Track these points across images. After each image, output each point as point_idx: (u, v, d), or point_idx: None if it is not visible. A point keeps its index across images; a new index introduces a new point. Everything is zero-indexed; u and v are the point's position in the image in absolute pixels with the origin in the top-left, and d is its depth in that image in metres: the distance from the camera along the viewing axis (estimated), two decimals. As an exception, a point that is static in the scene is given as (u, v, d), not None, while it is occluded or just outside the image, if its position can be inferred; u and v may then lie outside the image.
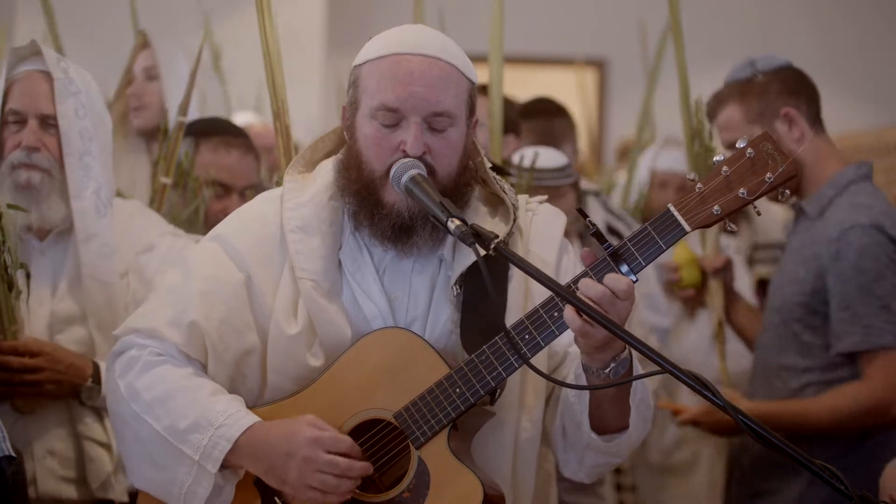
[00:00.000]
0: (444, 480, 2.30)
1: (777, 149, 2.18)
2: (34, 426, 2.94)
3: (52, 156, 2.95)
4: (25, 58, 3.02)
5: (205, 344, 2.39)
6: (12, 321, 2.88)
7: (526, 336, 2.26)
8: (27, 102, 2.96)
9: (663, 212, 2.21)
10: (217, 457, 2.30)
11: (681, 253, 3.64)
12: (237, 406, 2.34)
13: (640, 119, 5.15)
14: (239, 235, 2.47)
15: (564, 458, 2.46)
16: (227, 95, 5.52)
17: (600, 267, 2.21)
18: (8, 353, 2.86)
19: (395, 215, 2.35)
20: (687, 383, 2.05)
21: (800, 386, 3.22)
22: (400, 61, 2.35)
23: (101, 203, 2.98)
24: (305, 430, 2.28)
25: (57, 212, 2.96)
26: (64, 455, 2.93)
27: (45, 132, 2.95)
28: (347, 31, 8.46)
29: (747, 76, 3.28)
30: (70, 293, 2.97)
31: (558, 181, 3.87)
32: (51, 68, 2.96)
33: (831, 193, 3.23)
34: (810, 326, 3.21)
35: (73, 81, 2.97)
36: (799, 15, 9.98)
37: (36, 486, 2.91)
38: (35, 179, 2.93)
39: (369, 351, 2.36)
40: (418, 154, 2.32)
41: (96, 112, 3.01)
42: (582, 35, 9.64)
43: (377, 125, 2.35)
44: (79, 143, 2.96)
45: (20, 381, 2.87)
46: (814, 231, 3.24)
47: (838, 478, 1.98)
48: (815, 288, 3.18)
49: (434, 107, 2.33)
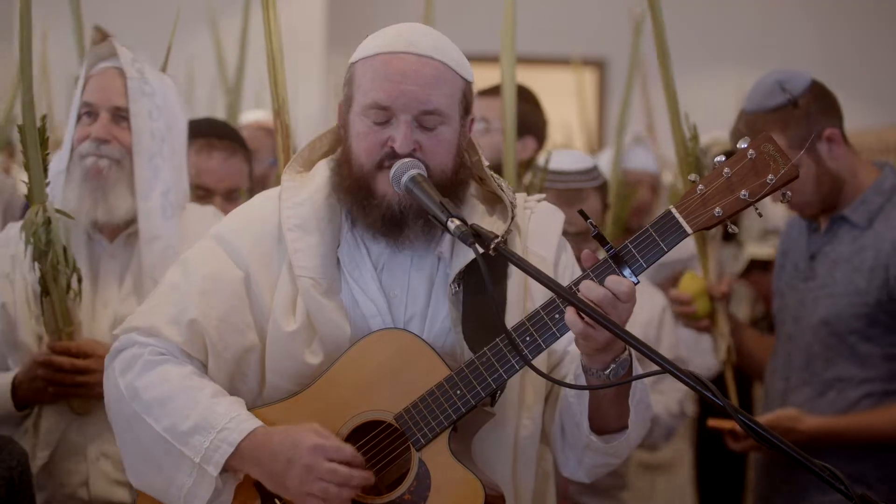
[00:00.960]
0: (444, 482, 2.30)
1: (778, 150, 2.17)
2: (89, 428, 2.94)
3: (123, 148, 2.96)
4: (104, 57, 3.04)
5: (205, 343, 2.39)
6: (67, 322, 2.88)
7: (527, 338, 2.26)
8: (100, 96, 2.98)
9: (665, 213, 2.20)
10: (218, 460, 2.29)
11: (691, 283, 3.50)
12: (239, 409, 2.34)
13: (619, 119, 5.08)
14: (238, 234, 2.47)
15: (563, 458, 2.46)
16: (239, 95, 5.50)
17: (601, 269, 2.22)
18: (61, 354, 2.87)
19: (384, 207, 2.35)
20: (687, 383, 2.05)
21: (859, 396, 3.18)
22: (392, 60, 2.36)
23: (169, 205, 2.98)
24: (308, 438, 2.28)
25: (122, 205, 2.96)
26: (117, 458, 2.89)
27: (116, 125, 2.97)
28: (347, 31, 8.46)
29: (783, 102, 3.19)
30: (133, 294, 2.98)
31: (582, 183, 3.85)
32: (124, 66, 2.98)
33: (880, 201, 3.19)
34: (869, 337, 3.16)
35: (148, 82, 2.99)
36: (799, 15, 9.98)
37: (88, 488, 2.93)
38: (104, 166, 2.94)
39: (369, 352, 2.35)
40: (407, 151, 2.33)
41: (172, 115, 3.02)
42: (581, 35, 9.65)
43: (368, 122, 2.36)
44: (150, 143, 2.96)
45: (71, 383, 2.87)
46: (866, 240, 3.18)
47: (838, 478, 1.98)
48: (879, 299, 3.13)
49: (424, 105, 2.34)
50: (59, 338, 2.88)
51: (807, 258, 3.32)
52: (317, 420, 2.34)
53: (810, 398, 3.24)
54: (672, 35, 3.37)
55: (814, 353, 3.25)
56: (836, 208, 3.25)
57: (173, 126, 3.03)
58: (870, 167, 3.29)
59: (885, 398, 3.17)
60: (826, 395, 3.22)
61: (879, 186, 3.21)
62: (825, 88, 3.27)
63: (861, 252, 3.18)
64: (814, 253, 3.30)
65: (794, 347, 3.31)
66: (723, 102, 7.67)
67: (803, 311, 3.29)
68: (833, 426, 3.15)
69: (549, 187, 3.77)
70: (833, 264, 3.24)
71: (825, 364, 3.23)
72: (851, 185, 3.23)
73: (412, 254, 2.43)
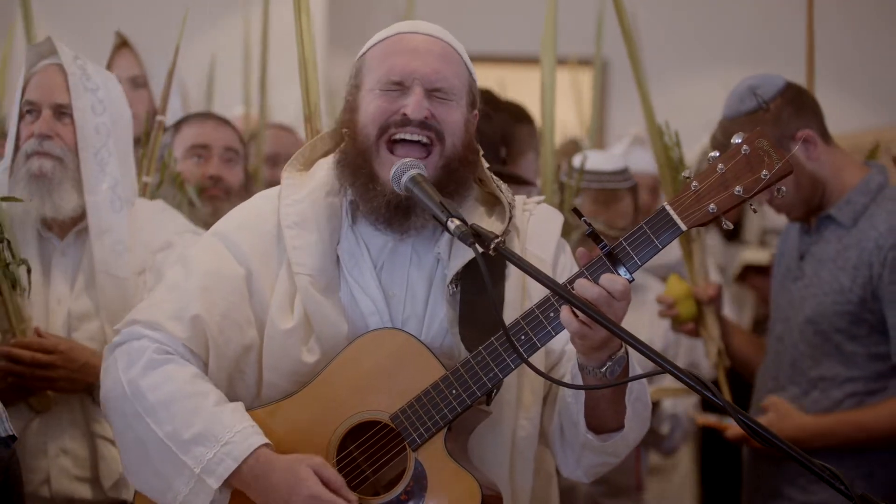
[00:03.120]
0: (441, 482, 2.29)
1: (773, 146, 2.17)
2: (49, 425, 2.94)
3: (65, 145, 2.96)
4: (43, 55, 3.04)
5: (206, 339, 2.39)
6: (20, 319, 2.89)
7: (522, 337, 2.25)
8: (41, 93, 2.99)
9: (658, 210, 2.20)
10: (221, 474, 2.29)
11: (675, 287, 3.51)
12: (242, 421, 2.32)
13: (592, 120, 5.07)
14: (239, 231, 2.48)
15: (562, 458, 2.46)
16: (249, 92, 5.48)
17: (596, 267, 2.21)
18: (22, 349, 2.86)
19: (389, 192, 2.36)
20: (687, 383, 2.04)
21: (843, 396, 3.18)
22: (402, 38, 2.42)
23: (117, 198, 2.99)
24: (308, 484, 2.26)
25: (69, 202, 2.96)
26: (78, 454, 2.93)
27: (58, 122, 2.97)
28: (347, 32, 8.46)
29: (754, 107, 3.22)
30: (86, 290, 2.98)
31: (617, 184, 3.87)
32: (65, 63, 2.98)
33: (865, 200, 3.20)
34: (854, 336, 3.17)
35: (90, 78, 3.00)
36: (799, 15, 9.96)
37: (50, 485, 2.92)
38: (47, 167, 2.94)
39: (365, 352, 2.35)
40: (420, 117, 2.35)
41: (116, 108, 3.04)
42: (582, 35, 9.63)
43: (381, 94, 2.38)
44: (94, 138, 2.97)
45: (31, 376, 2.87)
46: (850, 239, 3.18)
47: (838, 478, 1.97)
48: (863, 297, 3.13)
49: (436, 80, 2.37)
50: (13, 335, 2.88)
51: (797, 258, 3.32)
52: (313, 421, 2.34)
53: (796, 397, 3.25)
54: (672, 35, 3.38)
55: (800, 352, 3.25)
56: (823, 209, 3.25)
57: (118, 120, 3.04)
58: (858, 167, 3.28)
59: (868, 398, 3.17)
60: (810, 395, 3.23)
61: (865, 186, 3.22)
62: (801, 91, 3.27)
63: (845, 251, 3.19)
64: (803, 253, 3.31)
65: (783, 348, 3.31)
66: (722, 103, 7.66)
67: (792, 311, 3.30)
68: (823, 424, 3.15)
69: (584, 188, 3.79)
70: (819, 264, 3.24)
71: (811, 363, 3.23)
72: (836, 185, 3.23)
73: (412, 252, 2.43)
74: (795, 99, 3.24)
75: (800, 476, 3.22)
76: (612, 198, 3.79)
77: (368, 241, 2.44)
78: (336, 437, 2.34)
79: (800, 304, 3.27)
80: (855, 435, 3.15)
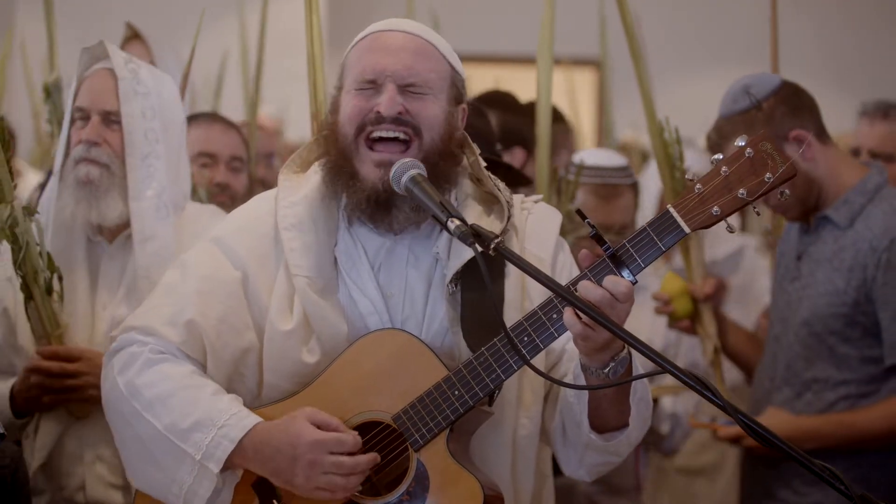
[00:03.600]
0: (443, 483, 2.29)
1: (776, 148, 2.16)
2: (87, 431, 2.94)
3: (112, 152, 2.96)
4: (97, 58, 3.04)
5: (203, 343, 2.39)
6: (55, 325, 2.88)
7: (524, 338, 2.25)
8: (91, 99, 2.98)
9: (662, 212, 2.20)
10: (220, 457, 2.30)
11: (671, 284, 3.49)
12: (239, 406, 2.34)
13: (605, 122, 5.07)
14: (235, 235, 2.48)
15: (564, 457, 2.46)
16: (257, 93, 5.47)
17: (599, 268, 2.21)
18: (49, 358, 2.86)
19: (369, 187, 2.36)
20: (687, 383, 2.04)
21: (836, 399, 3.18)
22: (379, 37, 2.43)
23: (163, 205, 2.98)
24: (307, 433, 2.28)
25: (114, 209, 2.95)
26: (113, 461, 2.91)
27: (106, 128, 2.97)
28: (347, 32, 8.44)
29: (747, 106, 3.21)
30: (127, 297, 2.97)
31: (617, 180, 3.86)
32: (116, 68, 2.98)
33: (862, 201, 3.19)
34: (848, 339, 3.16)
35: (142, 82, 2.98)
36: (799, 16, 9.97)
37: (84, 491, 2.92)
38: (94, 174, 2.94)
39: (367, 352, 2.35)
40: (393, 114, 2.35)
41: (168, 114, 3.02)
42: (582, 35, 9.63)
43: (356, 94, 2.39)
44: (143, 143, 2.96)
45: (61, 387, 2.87)
46: (846, 240, 3.18)
47: (838, 478, 1.97)
48: (857, 299, 3.13)
49: (408, 75, 2.38)
50: (48, 342, 2.88)
51: (794, 258, 3.32)
52: None
53: (789, 398, 3.24)
54: (672, 35, 3.38)
55: (795, 353, 3.25)
56: (819, 209, 3.24)
57: (169, 126, 3.02)
58: (857, 167, 3.28)
59: (860, 401, 3.16)
60: (803, 397, 3.22)
61: (863, 186, 3.21)
62: (797, 90, 3.26)
63: (841, 252, 3.18)
64: (800, 253, 3.30)
65: (780, 348, 3.31)
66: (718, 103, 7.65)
67: (788, 311, 3.29)
68: (814, 426, 3.15)
69: (583, 183, 3.78)
70: (816, 264, 3.24)
71: (804, 365, 3.22)
72: (833, 185, 3.22)
73: (409, 252, 2.43)
74: (790, 98, 3.23)
75: (794, 478, 3.21)
76: (612, 193, 3.78)
77: (365, 242, 2.45)
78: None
79: (796, 305, 3.26)
80: (845, 436, 3.14)
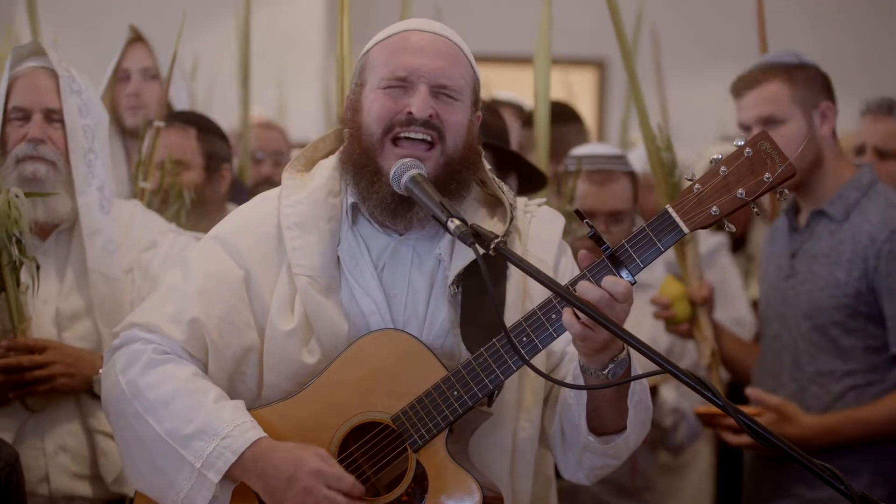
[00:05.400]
0: (442, 483, 2.29)
1: (775, 148, 2.17)
2: (45, 423, 2.93)
3: (57, 149, 2.97)
4: (28, 56, 3.04)
5: (205, 342, 2.39)
6: (22, 318, 2.89)
7: (524, 339, 2.25)
8: (32, 98, 2.98)
9: (661, 213, 2.20)
10: (221, 468, 2.29)
11: (671, 288, 3.48)
12: (243, 416, 2.33)
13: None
14: (238, 234, 2.48)
15: (563, 460, 2.46)
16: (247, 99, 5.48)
17: (598, 269, 2.21)
18: (17, 351, 2.86)
19: (393, 184, 2.35)
20: (687, 383, 2.04)
21: (842, 390, 3.20)
22: (409, 36, 2.41)
23: (105, 199, 3.00)
24: (311, 461, 2.27)
25: (63, 206, 2.97)
26: (76, 451, 2.92)
27: (49, 126, 2.98)
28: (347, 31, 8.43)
29: (793, 62, 3.29)
30: (76, 288, 2.98)
31: (612, 166, 3.87)
32: (55, 66, 2.99)
33: (857, 195, 3.24)
34: (851, 330, 3.19)
35: (75, 80, 3.01)
36: (799, 15, 9.97)
37: (49, 483, 2.91)
38: (41, 171, 2.94)
39: (366, 352, 2.35)
40: (425, 116, 2.34)
41: (96, 111, 3.05)
42: (582, 35, 9.64)
43: (385, 92, 2.37)
44: (83, 140, 2.98)
45: (32, 379, 2.86)
46: (843, 234, 3.22)
47: (838, 478, 1.98)
48: (859, 290, 3.17)
49: (441, 78, 2.37)
50: (15, 334, 2.88)
51: (788, 257, 3.35)
52: (315, 422, 2.35)
53: (795, 393, 3.26)
54: (672, 35, 3.38)
55: (799, 349, 3.27)
56: (808, 189, 3.28)
57: (100, 122, 3.05)
58: (850, 165, 3.35)
59: (867, 389, 3.19)
60: (809, 390, 3.24)
61: (857, 182, 3.27)
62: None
63: (839, 245, 3.22)
64: (794, 251, 3.33)
65: (782, 346, 3.33)
66: (722, 103, 7.65)
67: (787, 308, 3.32)
68: (830, 424, 3.16)
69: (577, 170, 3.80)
70: (813, 260, 3.27)
71: (808, 359, 3.25)
72: (831, 171, 3.28)
73: (413, 253, 2.43)
74: (827, 78, 3.34)
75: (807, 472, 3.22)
76: (606, 178, 3.79)
77: (369, 242, 2.44)
78: (337, 438, 2.34)
79: (795, 301, 3.29)
80: (860, 432, 3.16)
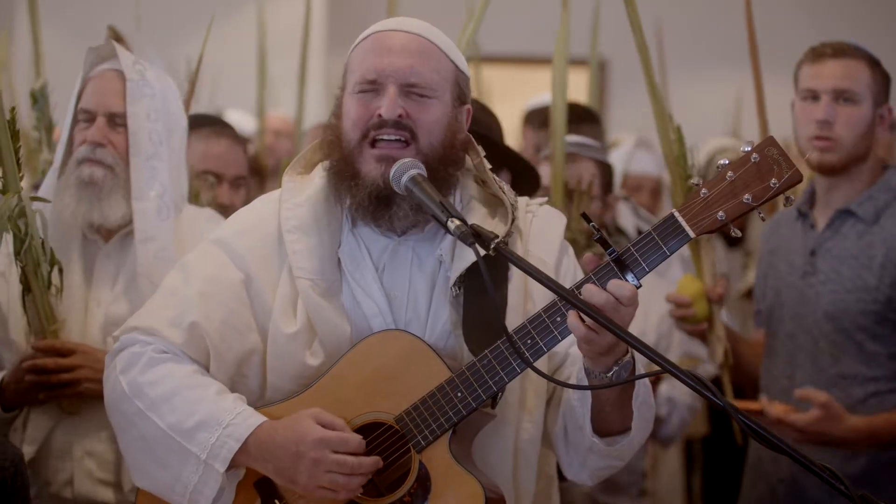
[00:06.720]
0: (444, 484, 2.30)
1: (782, 154, 2.17)
2: (78, 427, 2.94)
3: (117, 153, 2.97)
4: (104, 58, 3.04)
5: (205, 345, 2.39)
6: (51, 320, 2.89)
7: (528, 341, 2.26)
8: (97, 101, 2.99)
9: (667, 217, 2.20)
10: (226, 456, 2.30)
11: (691, 286, 3.40)
12: (243, 405, 2.34)
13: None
14: (238, 237, 2.48)
15: (567, 461, 2.46)
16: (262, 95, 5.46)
17: (603, 272, 2.21)
18: (45, 352, 2.87)
19: (370, 184, 2.36)
20: (687, 383, 2.05)
21: (864, 395, 3.18)
22: (381, 38, 2.41)
23: (165, 206, 2.98)
24: (312, 431, 2.28)
25: (117, 210, 2.96)
26: (103, 457, 2.93)
27: (112, 130, 2.97)
28: (347, 31, 8.44)
29: (867, 55, 3.26)
30: (125, 295, 2.98)
31: (578, 150, 3.92)
32: (125, 69, 2.98)
33: (887, 197, 3.23)
34: (876, 335, 3.17)
35: (148, 84, 2.99)
36: (798, 15, 9.98)
37: (73, 486, 2.93)
38: (98, 175, 2.94)
39: (370, 353, 2.36)
40: (394, 117, 2.34)
41: (171, 116, 3.04)
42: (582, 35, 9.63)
43: (358, 97, 2.38)
44: (147, 144, 2.97)
45: (57, 382, 2.87)
46: (873, 237, 3.20)
47: (838, 478, 1.98)
48: (891, 296, 3.15)
49: (410, 76, 2.36)
50: (44, 336, 2.88)
51: (805, 254, 3.31)
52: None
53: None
54: (672, 35, 3.36)
55: (820, 349, 3.24)
56: (839, 183, 3.26)
57: (173, 129, 3.03)
58: (879, 167, 3.31)
59: (889, 396, 3.17)
60: (829, 393, 3.19)
61: (887, 183, 3.25)
62: None
63: (869, 248, 3.20)
64: (814, 249, 3.30)
65: (797, 346, 3.30)
66: (722, 103, 7.67)
67: (805, 307, 3.28)
68: (871, 426, 3.13)
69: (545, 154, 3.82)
70: (838, 260, 3.24)
71: (830, 361, 3.23)
72: (866, 176, 3.25)
73: (413, 254, 2.44)
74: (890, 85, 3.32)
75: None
76: (570, 160, 3.81)
77: (369, 243, 2.45)
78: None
79: (815, 301, 3.26)
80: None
